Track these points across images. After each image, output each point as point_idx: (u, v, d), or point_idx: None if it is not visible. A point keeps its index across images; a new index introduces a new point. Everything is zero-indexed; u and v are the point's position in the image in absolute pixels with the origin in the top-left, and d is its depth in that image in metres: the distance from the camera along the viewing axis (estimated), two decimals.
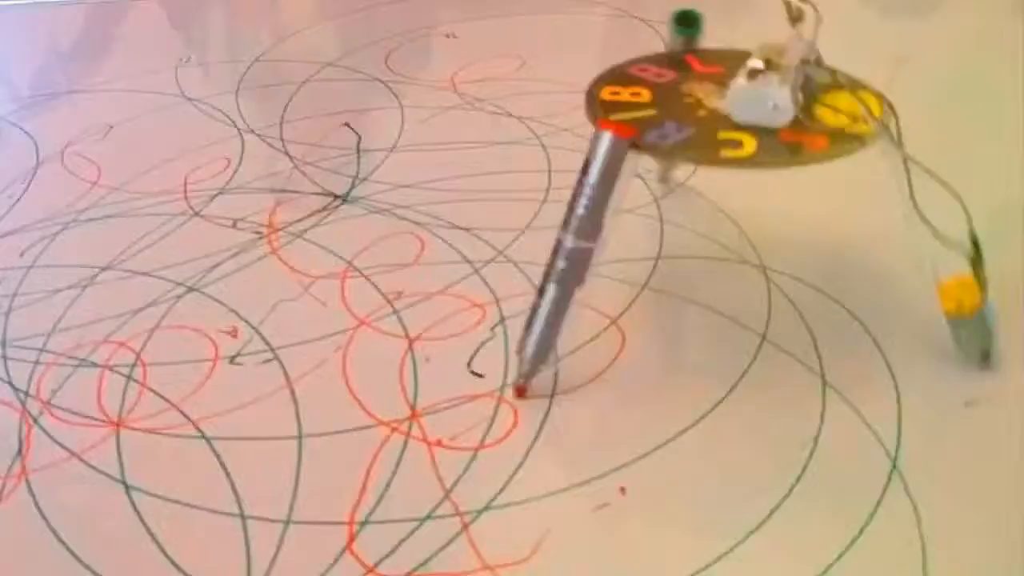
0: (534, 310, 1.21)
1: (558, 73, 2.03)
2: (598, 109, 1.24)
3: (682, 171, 1.68)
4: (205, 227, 1.67)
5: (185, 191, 1.78)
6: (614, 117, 1.20)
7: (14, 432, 1.27)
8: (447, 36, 2.36)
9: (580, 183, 1.15)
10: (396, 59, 2.22)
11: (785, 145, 1.15)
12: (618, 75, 1.33)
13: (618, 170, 1.14)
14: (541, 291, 1.20)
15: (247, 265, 1.55)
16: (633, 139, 1.15)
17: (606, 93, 1.28)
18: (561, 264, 1.17)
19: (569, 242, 1.16)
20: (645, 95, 1.27)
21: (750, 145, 1.14)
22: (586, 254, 1.16)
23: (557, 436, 1.20)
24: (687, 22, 1.41)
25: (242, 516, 1.12)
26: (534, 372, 1.24)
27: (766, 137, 1.15)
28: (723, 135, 1.16)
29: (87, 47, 2.56)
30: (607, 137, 1.14)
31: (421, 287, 1.47)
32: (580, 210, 1.15)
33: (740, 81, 1.18)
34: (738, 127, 1.17)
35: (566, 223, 1.17)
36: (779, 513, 1.07)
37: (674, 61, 1.37)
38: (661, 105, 1.24)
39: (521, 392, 1.25)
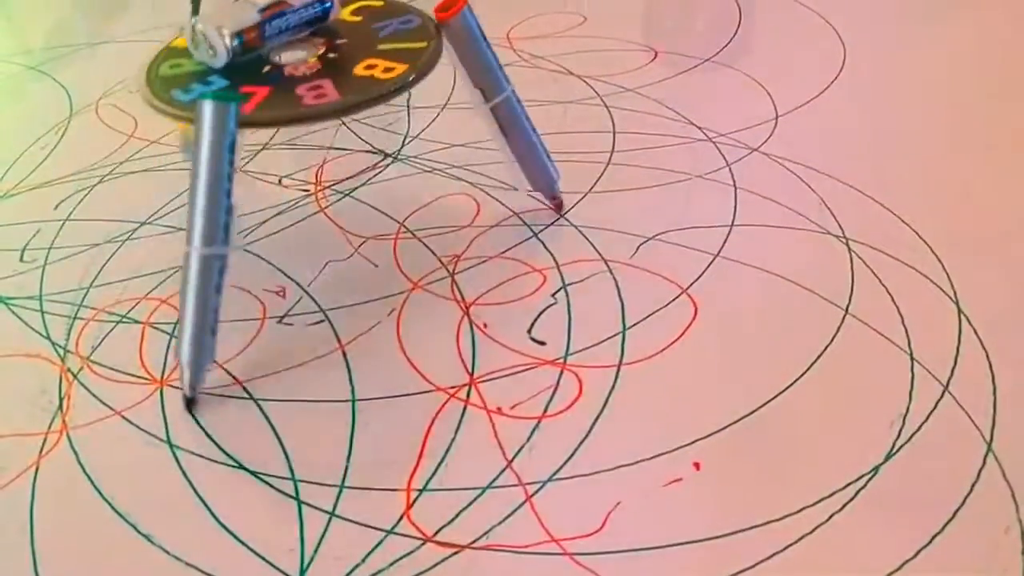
0: (180, 317, 1.22)
1: (623, 31, 2.03)
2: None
3: (755, 139, 1.68)
4: (249, 184, 1.69)
5: None
6: None
7: (54, 387, 1.29)
8: None
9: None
10: None
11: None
12: None
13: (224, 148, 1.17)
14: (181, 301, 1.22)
15: (294, 223, 1.57)
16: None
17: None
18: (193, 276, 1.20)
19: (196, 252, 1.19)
20: None
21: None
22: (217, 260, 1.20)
23: (625, 407, 1.21)
24: None
25: (294, 480, 1.14)
26: (197, 378, 1.24)
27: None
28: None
29: None
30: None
31: (477, 250, 1.48)
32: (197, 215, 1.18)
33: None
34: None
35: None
36: (865, 493, 1.07)
37: None
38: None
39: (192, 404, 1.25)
